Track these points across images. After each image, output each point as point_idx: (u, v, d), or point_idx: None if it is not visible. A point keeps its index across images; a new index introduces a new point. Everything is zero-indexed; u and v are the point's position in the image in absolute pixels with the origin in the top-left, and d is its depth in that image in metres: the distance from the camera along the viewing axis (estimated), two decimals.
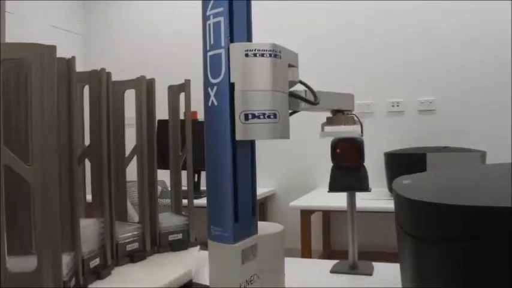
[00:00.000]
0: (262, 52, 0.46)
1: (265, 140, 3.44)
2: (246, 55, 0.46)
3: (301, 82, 0.56)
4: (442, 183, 0.51)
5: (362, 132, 0.77)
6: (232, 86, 0.46)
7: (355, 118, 0.77)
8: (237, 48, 0.46)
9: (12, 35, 2.96)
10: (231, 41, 0.47)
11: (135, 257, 0.77)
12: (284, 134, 0.48)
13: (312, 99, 0.57)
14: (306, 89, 0.58)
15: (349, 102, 0.74)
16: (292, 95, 0.53)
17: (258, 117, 0.46)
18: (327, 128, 0.77)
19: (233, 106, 0.46)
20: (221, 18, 0.47)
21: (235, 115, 0.46)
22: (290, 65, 0.51)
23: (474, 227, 0.37)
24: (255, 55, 0.46)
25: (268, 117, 0.46)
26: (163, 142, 0.92)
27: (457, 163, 2.08)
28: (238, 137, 0.46)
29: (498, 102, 2.73)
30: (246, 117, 0.46)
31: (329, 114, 0.77)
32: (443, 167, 2.04)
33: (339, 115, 0.76)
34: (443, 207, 0.39)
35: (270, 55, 0.47)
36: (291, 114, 0.53)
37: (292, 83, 0.52)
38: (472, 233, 0.37)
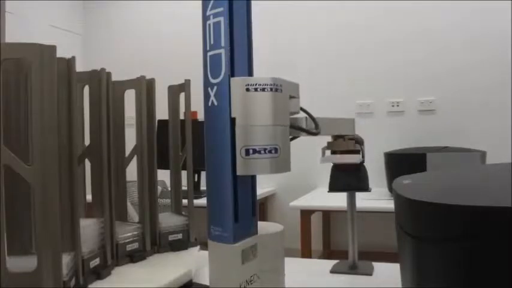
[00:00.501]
0: (263, 87, 0.46)
1: None
2: (247, 89, 0.46)
3: (302, 109, 0.56)
4: (442, 183, 0.51)
5: (363, 157, 0.78)
6: (233, 121, 0.46)
7: (355, 143, 0.78)
8: (238, 82, 0.46)
9: (12, 35, 2.96)
10: (231, 42, 0.47)
11: (135, 257, 0.77)
12: (285, 167, 0.48)
13: (313, 126, 0.57)
14: (307, 116, 0.58)
15: (350, 127, 0.75)
16: (293, 127, 0.53)
17: (259, 152, 0.46)
18: (328, 154, 0.78)
19: (234, 145, 0.46)
20: (221, 18, 0.47)
21: (236, 149, 0.46)
22: (291, 96, 0.51)
23: (474, 227, 0.37)
24: (255, 90, 0.46)
25: (269, 152, 0.46)
26: (163, 142, 0.92)
27: (457, 163, 2.08)
28: (239, 172, 0.46)
29: (498, 102, 2.73)
30: (247, 152, 0.46)
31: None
32: (443, 167, 2.04)
33: (340, 140, 0.77)
34: (443, 207, 0.39)
35: (271, 89, 0.47)
36: (291, 140, 0.53)
37: (294, 113, 0.52)
38: (472, 233, 0.37)
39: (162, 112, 0.97)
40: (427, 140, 2.83)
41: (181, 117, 0.89)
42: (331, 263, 0.89)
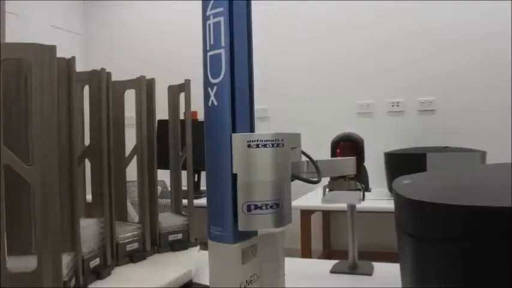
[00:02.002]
0: (265, 143, 0.46)
1: None
2: (249, 146, 0.46)
3: (303, 153, 0.56)
4: (442, 183, 0.51)
5: (363, 196, 0.79)
6: (234, 177, 0.46)
7: (357, 183, 0.78)
8: (239, 139, 0.46)
9: (12, 35, 2.96)
10: (231, 41, 0.47)
11: (135, 257, 0.77)
12: (287, 221, 0.48)
13: (313, 171, 0.57)
14: (308, 160, 0.58)
15: (351, 167, 0.75)
16: (295, 177, 0.53)
17: (261, 208, 0.46)
18: (328, 194, 0.79)
19: (235, 198, 0.46)
20: (221, 18, 0.47)
21: (237, 205, 0.46)
22: (293, 148, 0.51)
23: (474, 227, 0.37)
24: (257, 146, 0.46)
25: (271, 207, 0.46)
26: (163, 142, 0.92)
27: (457, 163, 2.08)
28: (240, 228, 0.46)
29: (498, 102, 2.73)
30: (249, 208, 0.46)
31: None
32: (443, 167, 2.04)
33: (341, 180, 0.77)
34: (443, 207, 0.39)
35: (272, 145, 0.47)
36: (292, 180, 0.53)
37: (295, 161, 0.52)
38: (472, 233, 0.37)
39: (162, 112, 0.97)
40: (427, 140, 2.84)
41: (181, 117, 0.89)
42: (331, 263, 0.89)
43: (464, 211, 0.37)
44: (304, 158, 0.57)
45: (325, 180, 0.77)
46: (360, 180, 0.84)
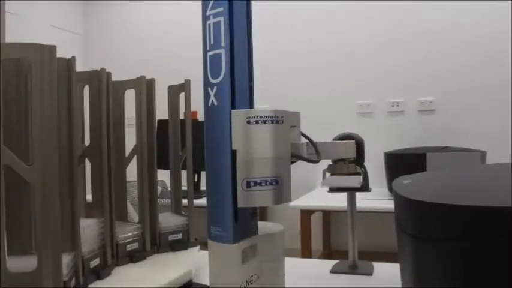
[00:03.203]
0: (264, 119, 0.46)
1: None
2: (248, 122, 0.46)
3: (302, 134, 0.56)
4: (442, 183, 0.51)
5: (363, 180, 0.79)
6: (234, 153, 0.46)
7: (356, 166, 0.78)
8: (239, 115, 0.46)
9: (12, 35, 2.96)
10: (231, 41, 0.47)
11: (135, 257, 0.77)
12: (286, 198, 0.48)
13: (313, 152, 0.57)
14: (308, 141, 0.58)
15: (351, 151, 0.75)
16: (294, 155, 0.53)
17: (260, 184, 0.46)
18: (328, 177, 0.79)
19: (235, 176, 0.46)
20: (221, 18, 0.47)
21: (237, 182, 0.46)
22: (292, 126, 0.51)
23: (474, 227, 0.37)
24: (256, 122, 0.46)
25: (270, 184, 0.46)
26: (163, 142, 0.92)
27: (457, 163, 2.08)
28: (240, 204, 0.46)
29: (498, 102, 2.73)
30: (248, 184, 0.46)
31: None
32: (443, 167, 2.04)
33: (340, 163, 0.77)
34: (443, 207, 0.39)
35: (272, 121, 0.47)
36: (291, 163, 0.53)
37: (294, 141, 0.52)
38: (472, 233, 0.37)
39: (162, 112, 0.97)
40: (427, 140, 2.84)
41: (181, 117, 0.89)
42: (331, 263, 0.89)
43: (464, 211, 0.37)
44: (304, 140, 0.57)
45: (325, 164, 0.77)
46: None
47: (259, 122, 0.46)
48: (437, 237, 0.40)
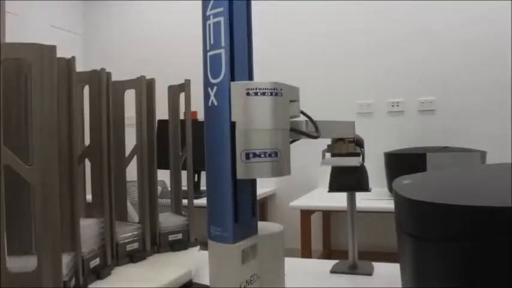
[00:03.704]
0: (264, 91, 0.46)
1: None
2: (247, 94, 0.46)
3: (302, 113, 0.56)
4: (442, 183, 0.51)
5: (363, 159, 0.78)
6: (233, 125, 0.46)
7: (356, 146, 0.78)
8: (238, 86, 0.46)
9: (12, 35, 2.96)
10: (231, 41, 0.47)
11: (135, 257, 0.77)
12: (285, 171, 0.48)
13: (313, 130, 0.57)
14: (307, 119, 0.58)
15: (350, 130, 0.75)
16: (293, 130, 0.53)
17: (259, 156, 0.46)
18: (328, 157, 0.78)
19: (234, 149, 0.46)
20: (221, 18, 0.47)
21: (236, 154, 0.46)
22: (291, 100, 0.51)
23: (474, 227, 0.37)
24: (256, 94, 0.46)
25: (269, 155, 0.46)
26: (163, 142, 0.92)
27: (457, 163, 2.08)
28: (239, 176, 0.46)
29: (498, 102, 2.73)
30: (247, 156, 0.46)
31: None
32: (443, 167, 2.04)
33: (340, 143, 0.77)
34: (443, 207, 0.39)
35: (271, 94, 0.47)
36: (291, 142, 0.53)
37: (293, 117, 0.52)
38: (472, 232, 0.37)
39: (162, 112, 0.97)
40: (427, 140, 2.83)
41: (181, 117, 0.89)
42: (331, 263, 0.89)
43: (464, 211, 0.37)
44: (303, 118, 0.57)
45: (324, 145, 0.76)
46: (360, 180, 0.84)
47: (259, 93, 0.46)
48: (437, 237, 0.40)
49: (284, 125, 0.48)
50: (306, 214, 2.33)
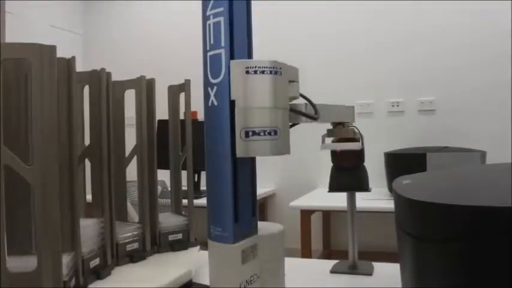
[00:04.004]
0: (263, 69, 0.46)
1: None
2: (247, 72, 0.46)
3: (301, 95, 0.56)
4: (442, 183, 0.51)
5: (362, 144, 0.78)
6: (232, 103, 0.46)
7: (356, 130, 0.77)
8: (238, 65, 0.46)
9: (12, 35, 2.96)
10: (231, 41, 0.47)
11: (135, 257, 0.77)
12: (285, 149, 0.48)
13: (313, 113, 0.57)
14: (307, 102, 0.58)
15: (350, 115, 0.74)
16: (293, 110, 0.53)
17: (259, 134, 0.46)
18: (328, 141, 0.78)
19: (234, 127, 0.46)
20: (221, 18, 0.47)
21: (235, 132, 0.46)
22: (290, 81, 0.51)
23: (474, 227, 0.37)
24: (255, 72, 0.46)
25: (269, 134, 0.46)
26: (163, 142, 0.92)
27: (457, 163, 2.08)
28: (238, 154, 0.46)
29: (498, 102, 2.73)
30: (247, 134, 0.46)
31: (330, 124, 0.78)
32: (443, 167, 2.04)
33: (339, 127, 0.77)
34: (443, 207, 0.39)
35: (271, 72, 0.47)
36: (291, 126, 0.53)
37: (293, 98, 0.52)
38: (472, 232, 0.37)
39: (162, 112, 0.97)
40: (427, 140, 2.83)
41: (181, 117, 0.89)
42: (331, 263, 0.89)
43: (464, 211, 0.37)
44: (302, 101, 0.58)
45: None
46: (360, 180, 0.84)
47: (258, 72, 0.46)
48: (437, 237, 0.40)
49: (283, 104, 0.48)
50: (306, 214, 2.33)
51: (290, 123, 0.53)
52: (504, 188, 0.42)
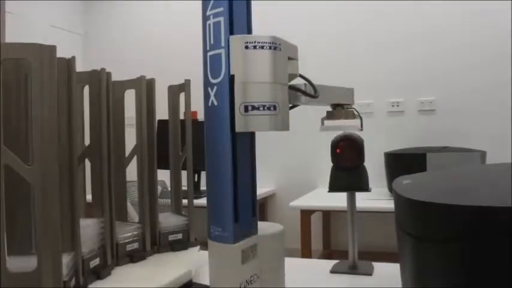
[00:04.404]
0: (262, 44, 0.47)
1: (265, 140, 3.40)
2: (246, 47, 0.46)
3: (300, 76, 0.56)
4: (442, 183, 0.51)
5: (362, 125, 0.77)
6: (232, 78, 0.46)
7: (355, 112, 0.77)
8: (237, 40, 0.46)
9: (12, 35, 2.96)
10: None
11: (135, 257, 0.77)
12: (284, 126, 0.48)
13: (312, 93, 0.57)
14: (306, 82, 0.58)
15: (349, 97, 0.74)
16: (292, 87, 0.52)
17: (258, 108, 0.46)
18: (327, 122, 0.77)
19: (233, 102, 0.46)
20: (221, 18, 0.47)
21: (234, 107, 0.46)
22: (290, 58, 0.51)
23: (474, 227, 0.37)
24: (254, 47, 0.46)
25: (268, 108, 0.46)
26: (163, 142, 0.92)
27: (457, 163, 2.08)
28: (238, 129, 0.46)
29: (498, 102, 2.73)
30: (246, 108, 0.46)
31: (329, 109, 0.77)
32: (443, 167, 2.04)
33: (339, 109, 0.76)
34: (443, 207, 0.39)
35: (270, 47, 0.47)
36: (291, 108, 0.53)
37: (292, 76, 0.52)
38: (472, 232, 0.37)
39: (162, 112, 0.97)
40: (427, 140, 2.83)
41: (181, 117, 0.89)
42: (331, 263, 0.89)
43: (464, 211, 0.37)
44: (302, 81, 0.58)
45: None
46: (360, 180, 0.84)
47: (257, 47, 0.46)
48: (437, 237, 0.40)
49: (283, 80, 0.49)
50: (306, 214, 2.33)
51: (290, 105, 0.53)
52: (504, 188, 0.42)
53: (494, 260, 0.36)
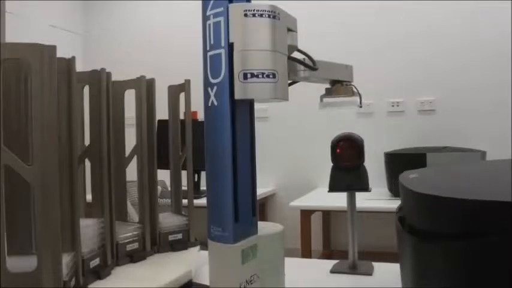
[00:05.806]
0: (261, 12, 0.46)
1: (265, 140, 3.38)
2: (245, 15, 0.46)
3: (299, 50, 0.56)
4: (449, 178, 0.51)
5: (361, 102, 0.77)
6: (231, 46, 0.46)
7: (355, 89, 0.76)
8: (236, 8, 0.46)
9: (12, 35, 2.96)
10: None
11: (135, 257, 0.77)
12: (283, 95, 0.48)
13: (311, 65, 0.57)
14: (305, 57, 0.58)
15: (349, 74, 0.74)
16: (291, 58, 0.52)
17: (257, 76, 0.46)
18: (326, 99, 0.77)
19: (232, 71, 0.46)
20: (221, 18, 0.47)
21: (234, 75, 0.46)
22: (289, 30, 0.51)
23: (476, 224, 0.37)
24: (253, 15, 0.46)
25: (268, 76, 0.46)
26: (163, 142, 0.92)
27: (457, 163, 2.08)
28: (237, 96, 0.46)
29: (498, 102, 2.73)
30: (245, 76, 0.46)
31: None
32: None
33: (338, 86, 0.76)
34: (446, 201, 0.39)
35: (269, 16, 0.47)
36: (290, 84, 0.53)
37: (292, 48, 0.52)
38: (472, 230, 0.37)
39: (162, 112, 0.97)
40: (427, 140, 2.83)
41: (181, 117, 0.89)
42: (331, 263, 0.89)
43: (475, 205, 0.37)
44: (301, 57, 0.58)
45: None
46: (360, 180, 0.84)
47: (256, 15, 0.46)
48: (439, 233, 0.40)
49: (282, 49, 0.48)
50: (306, 214, 2.33)
51: (289, 81, 0.52)
52: (506, 184, 0.42)
53: (496, 256, 0.35)
